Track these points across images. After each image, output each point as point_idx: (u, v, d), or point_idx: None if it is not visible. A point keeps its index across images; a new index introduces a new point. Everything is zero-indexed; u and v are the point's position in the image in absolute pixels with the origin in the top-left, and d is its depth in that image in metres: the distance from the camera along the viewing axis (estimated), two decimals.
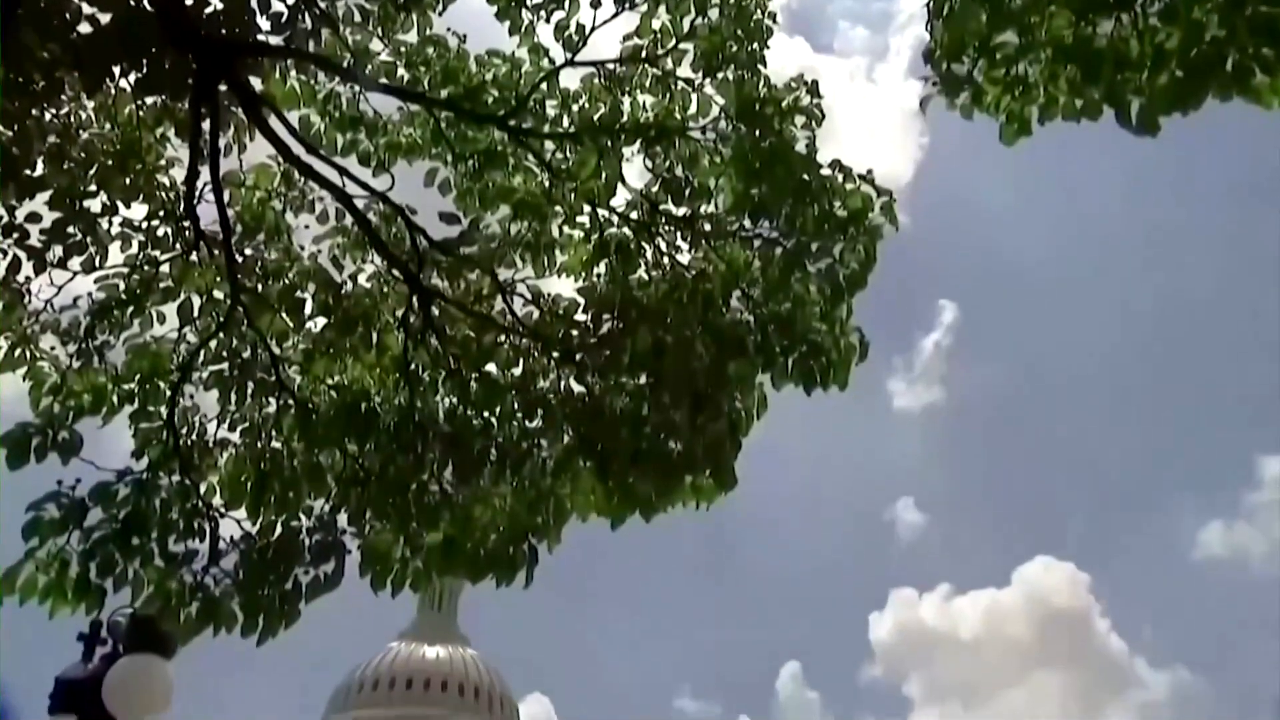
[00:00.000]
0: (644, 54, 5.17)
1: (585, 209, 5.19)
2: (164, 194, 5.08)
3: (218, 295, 4.91)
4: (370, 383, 4.94)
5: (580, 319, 4.76)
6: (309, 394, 5.02)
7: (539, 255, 5.22)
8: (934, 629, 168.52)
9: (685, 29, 5.15)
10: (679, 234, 5.09)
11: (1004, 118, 3.81)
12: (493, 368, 4.89)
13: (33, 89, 4.14)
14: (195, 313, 4.92)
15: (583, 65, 5.28)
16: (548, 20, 5.26)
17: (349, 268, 5.13)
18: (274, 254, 5.23)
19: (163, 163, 5.05)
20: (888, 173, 5.45)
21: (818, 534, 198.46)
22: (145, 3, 4.00)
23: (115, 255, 5.03)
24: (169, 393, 5.03)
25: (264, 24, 4.32)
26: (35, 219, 4.65)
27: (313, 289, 4.88)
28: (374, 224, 5.18)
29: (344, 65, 5.23)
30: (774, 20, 5.21)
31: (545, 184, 5.20)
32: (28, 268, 4.81)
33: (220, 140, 4.76)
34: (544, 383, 4.84)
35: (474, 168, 5.23)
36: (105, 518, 4.55)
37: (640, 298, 4.62)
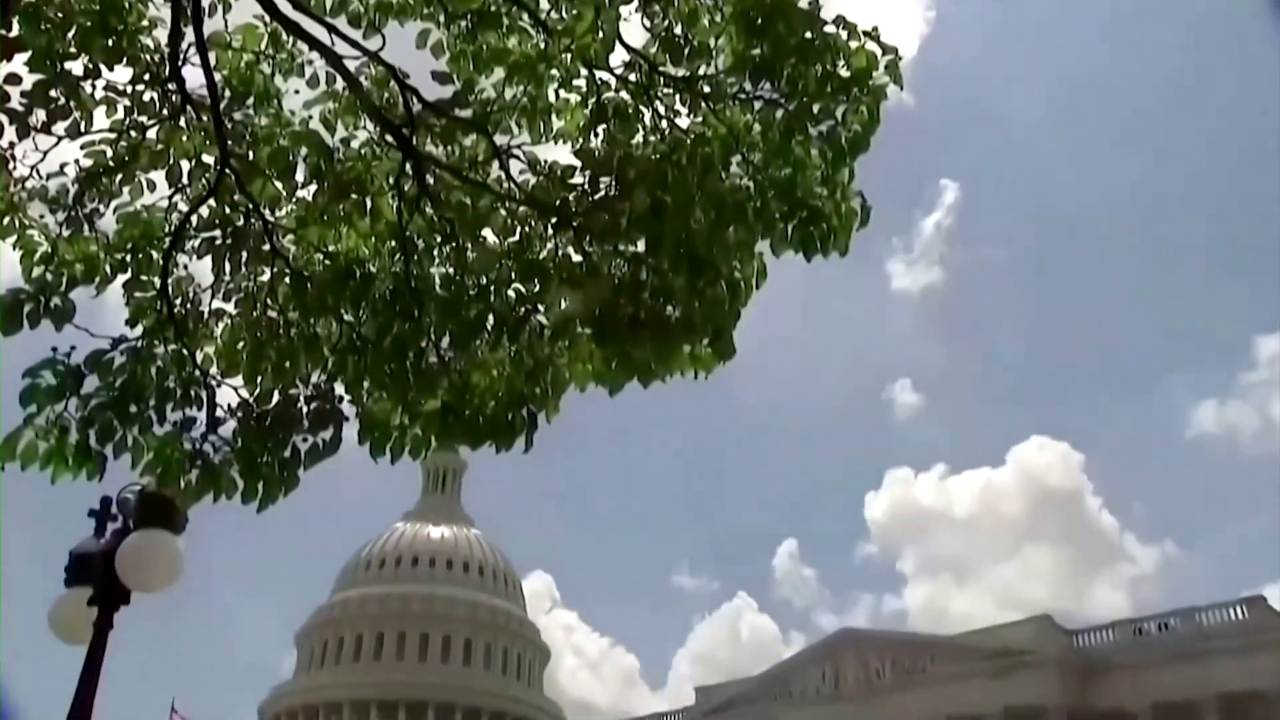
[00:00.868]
0: None
1: (582, 71, 5.05)
2: (148, 56, 4.93)
3: (207, 160, 4.81)
4: (365, 251, 4.88)
5: (577, 182, 4.67)
6: (303, 262, 4.96)
7: (535, 120, 5.09)
8: (929, 508, 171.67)
9: None
10: (678, 97, 4.96)
11: None
12: (489, 234, 4.83)
13: None
14: (184, 178, 4.82)
15: None
16: None
17: (341, 132, 5.02)
18: (264, 119, 5.11)
19: (145, 23, 4.90)
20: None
21: (815, 415, 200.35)
22: None
23: (100, 120, 4.91)
24: (161, 262, 4.97)
25: None
26: (15, 80, 4.53)
27: (304, 152, 4.78)
28: (366, 88, 5.05)
29: None
30: None
31: (541, 45, 5.04)
32: (11, 133, 4.70)
33: None
34: (541, 249, 4.78)
35: (467, 28, 5.06)
36: (102, 385, 4.56)
37: (638, 160, 4.52)
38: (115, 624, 7.39)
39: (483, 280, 4.70)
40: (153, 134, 4.98)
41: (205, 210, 4.99)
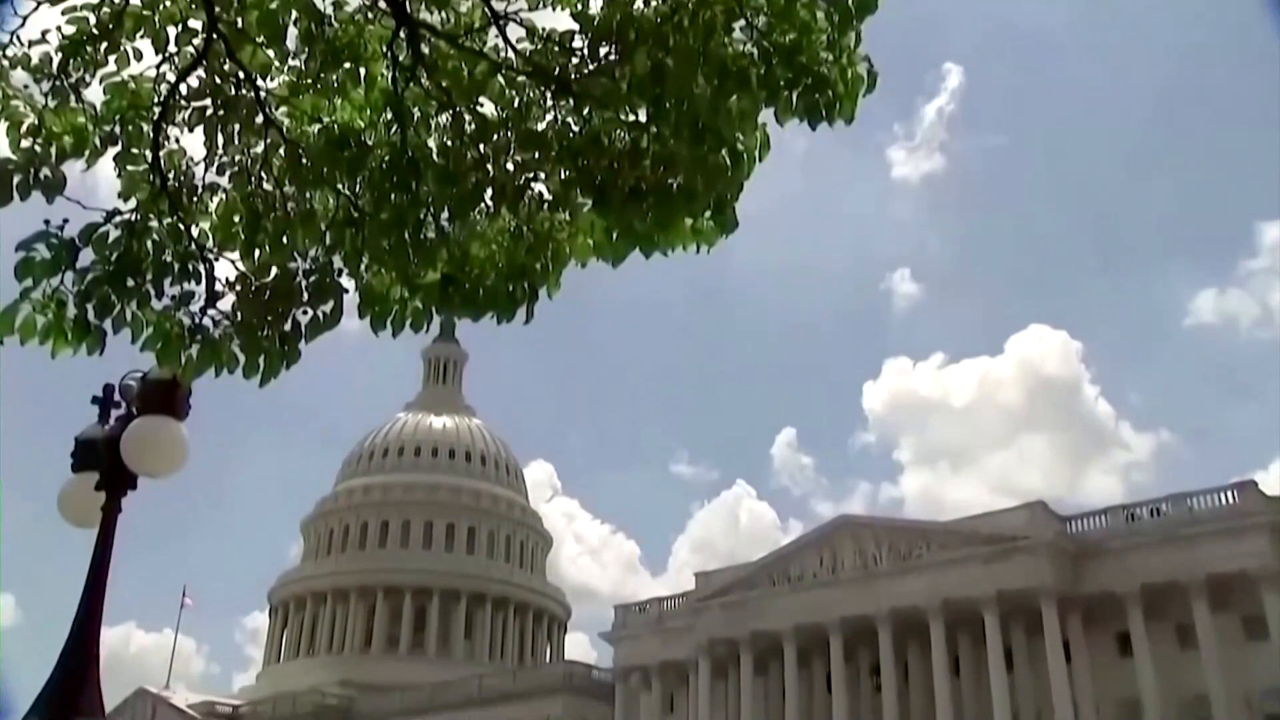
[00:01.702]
0: None
1: None
2: None
3: (194, 25, 4.66)
4: (359, 121, 4.77)
5: (576, 47, 4.54)
6: (297, 134, 4.85)
7: None
8: (926, 397, 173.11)
9: None
10: None
11: None
12: (486, 102, 4.71)
13: None
14: (171, 45, 4.68)
15: None
16: None
17: None
18: None
19: None
20: None
21: (814, 305, 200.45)
22: None
23: None
24: (151, 134, 4.86)
25: None
26: None
27: (294, 16, 4.63)
28: None
29: None
30: None
31: None
32: None
33: None
34: (540, 117, 4.67)
35: None
36: (97, 259, 4.51)
37: (639, 22, 4.38)
38: (125, 511, 7.48)
39: (481, 149, 4.60)
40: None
41: (194, 80, 4.85)
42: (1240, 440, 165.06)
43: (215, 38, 4.62)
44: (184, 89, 4.80)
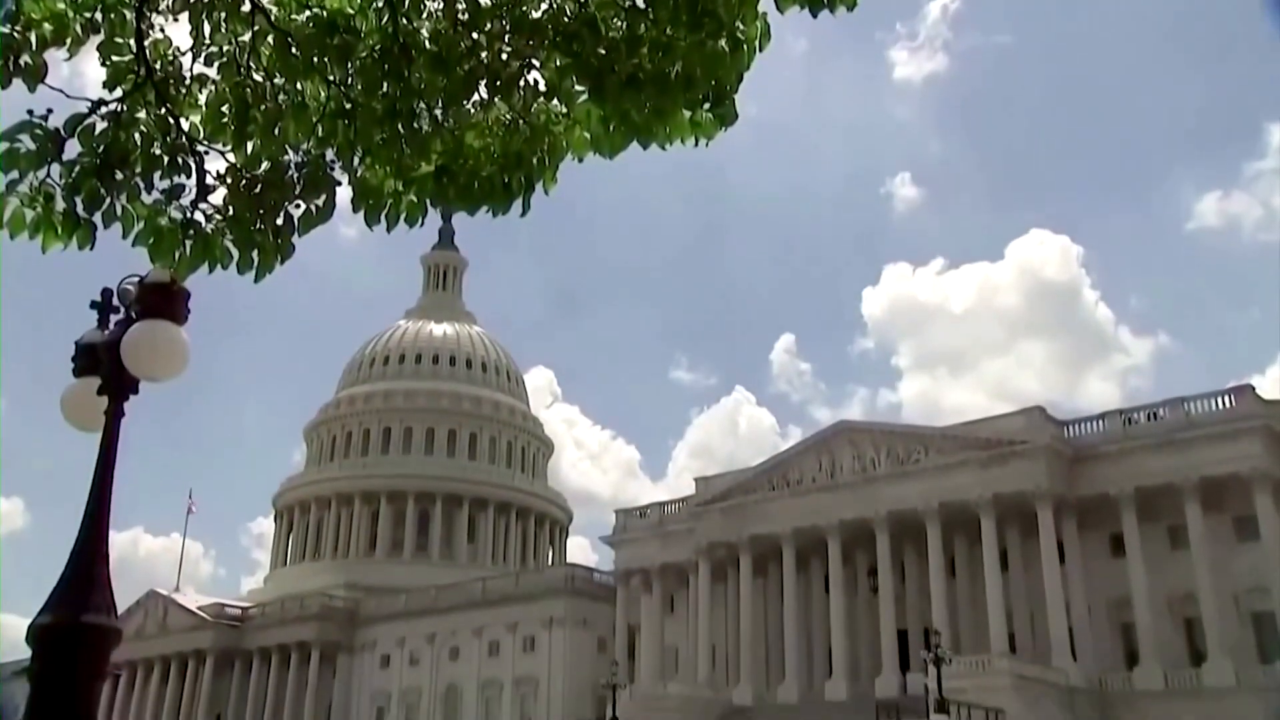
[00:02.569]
0: None
1: None
2: None
3: None
4: (349, 7, 4.62)
5: None
6: (286, 21, 4.71)
7: None
8: (926, 302, 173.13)
9: None
10: None
11: None
12: None
13: None
14: None
15: None
16: None
17: None
18: None
19: None
20: None
21: (813, 209, 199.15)
22: None
23: None
24: (135, 22, 4.72)
25: None
26: None
27: None
28: None
29: None
30: None
31: None
32: None
33: None
34: (535, 2, 4.52)
35: None
36: (84, 151, 4.42)
37: None
38: (129, 415, 7.48)
39: (474, 36, 4.48)
40: None
41: None
42: (1240, 344, 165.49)
43: None
44: None
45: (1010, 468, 56.76)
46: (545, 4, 4.66)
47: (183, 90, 4.76)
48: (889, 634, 59.96)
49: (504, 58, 4.49)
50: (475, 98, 4.59)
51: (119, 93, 4.57)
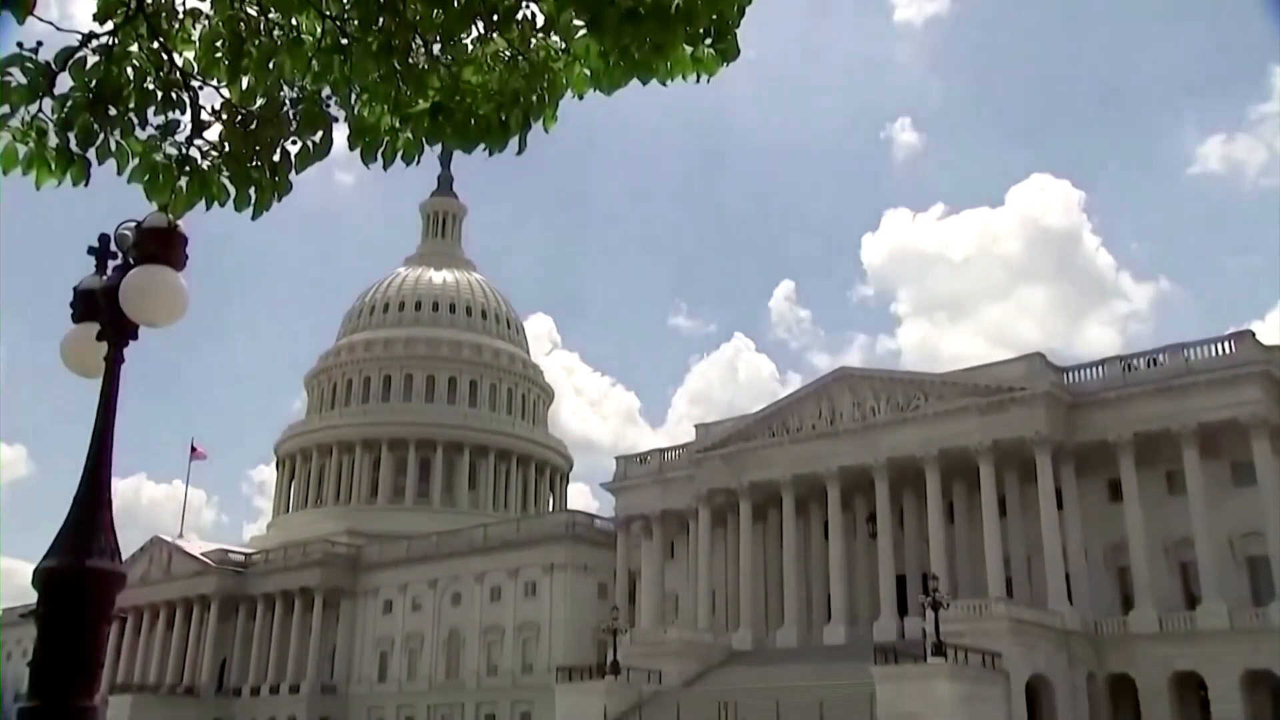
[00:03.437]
0: None
1: None
2: None
3: None
4: None
5: None
6: None
7: None
8: (925, 248, 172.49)
9: None
10: None
11: None
12: None
13: None
14: None
15: None
16: None
17: None
18: None
19: None
20: None
21: (813, 154, 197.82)
22: None
23: None
24: None
25: None
26: None
27: None
28: None
29: None
30: None
31: None
32: None
33: None
34: None
35: None
36: (76, 86, 4.36)
37: None
38: (130, 363, 7.45)
39: None
40: None
41: None
42: (1241, 289, 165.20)
43: None
44: None
45: (1009, 414, 56.90)
46: None
47: (175, 24, 4.69)
48: (887, 579, 60.52)
49: None
50: (473, 33, 4.52)
51: (110, 26, 4.49)
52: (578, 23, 4.44)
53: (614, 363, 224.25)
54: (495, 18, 4.43)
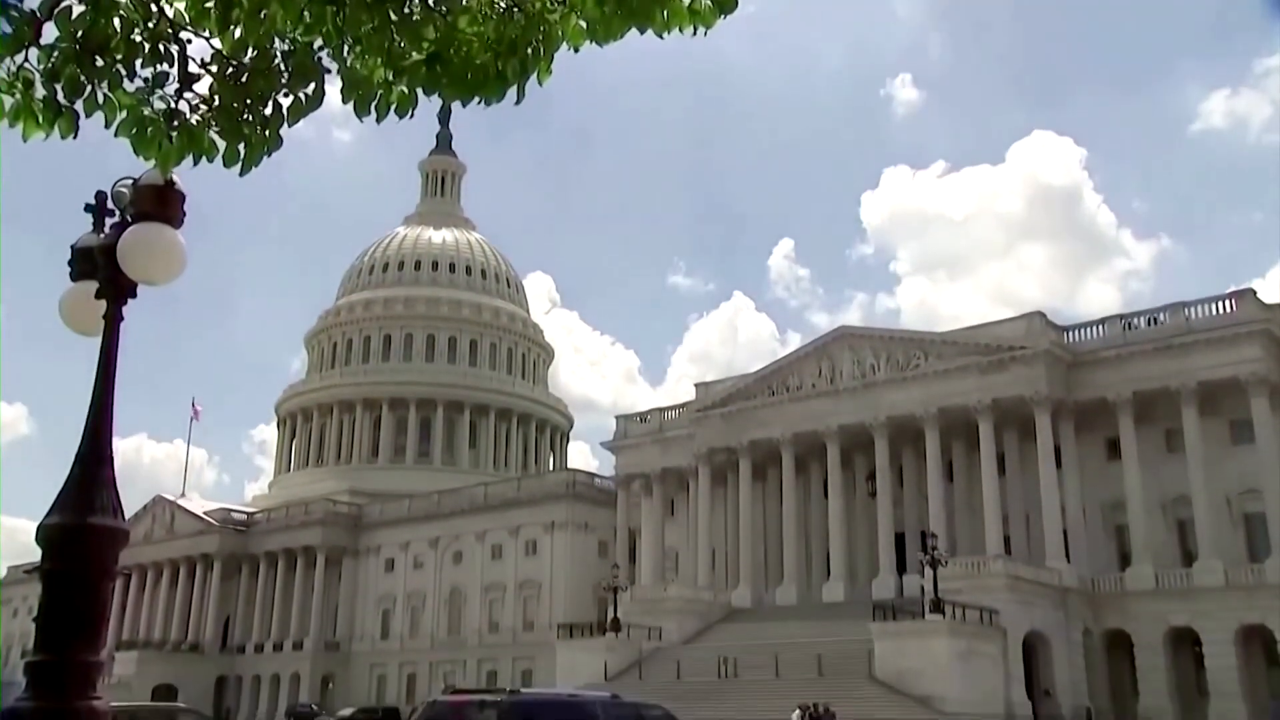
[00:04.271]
0: None
1: None
2: None
3: None
4: None
5: None
6: None
7: None
8: (925, 206, 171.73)
9: None
10: None
11: None
12: None
13: None
14: None
15: None
16: None
17: None
18: None
19: None
20: None
21: (813, 111, 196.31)
22: None
23: None
24: None
25: None
26: None
27: None
28: None
29: None
30: None
31: None
32: None
33: None
34: None
35: None
36: (62, 36, 4.27)
37: None
38: (130, 322, 7.41)
39: None
40: None
41: None
42: (1242, 247, 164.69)
43: None
44: None
45: (1009, 373, 56.93)
46: None
47: None
48: (886, 537, 60.85)
49: None
50: None
51: None
52: None
53: (613, 322, 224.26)
54: None
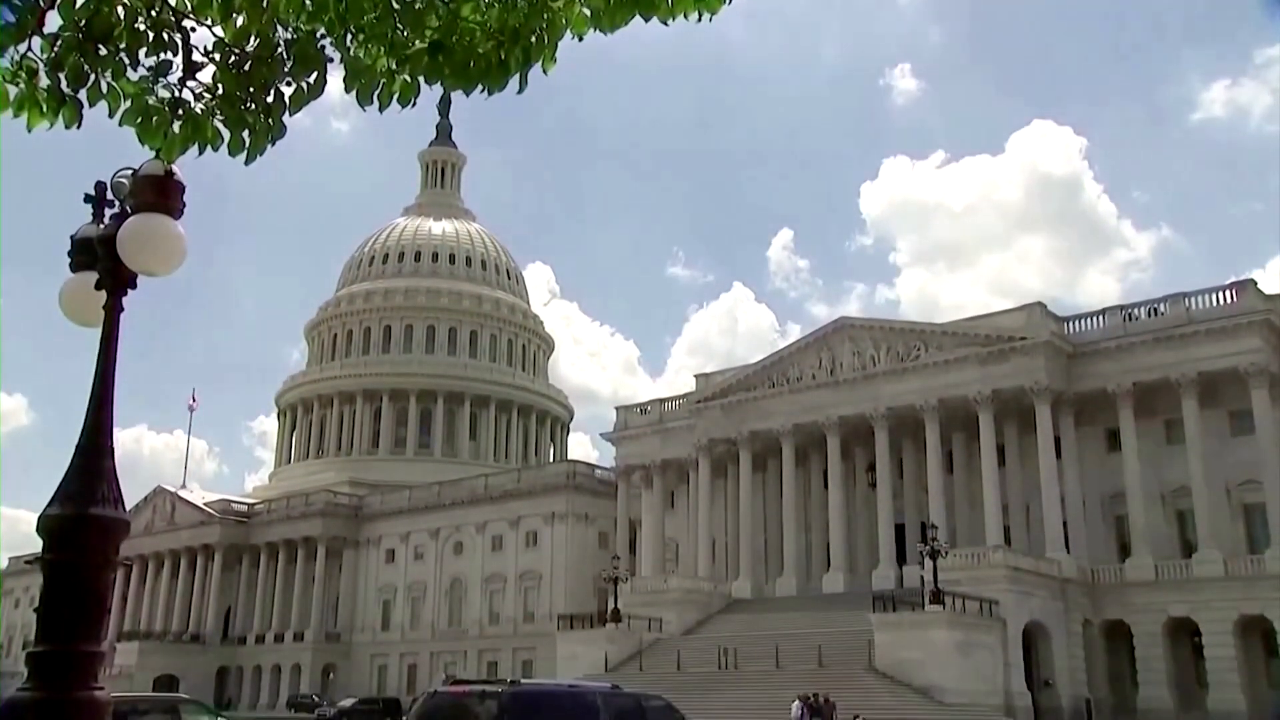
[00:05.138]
0: None
1: None
2: None
3: None
4: None
5: None
6: None
7: None
8: (925, 197, 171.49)
9: None
10: None
11: None
12: None
13: None
14: None
15: None
16: None
17: None
18: None
19: None
20: None
21: (812, 102, 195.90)
22: None
23: None
24: None
25: None
26: None
27: None
28: None
29: None
30: None
31: None
32: None
33: None
34: None
35: None
36: (65, 25, 4.27)
37: None
38: (130, 314, 7.41)
39: None
40: None
41: None
42: (1242, 237, 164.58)
43: None
44: None
45: (1009, 364, 56.93)
46: None
47: None
48: (886, 528, 60.91)
49: None
50: None
51: None
52: None
53: (613, 312, 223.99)
54: None
